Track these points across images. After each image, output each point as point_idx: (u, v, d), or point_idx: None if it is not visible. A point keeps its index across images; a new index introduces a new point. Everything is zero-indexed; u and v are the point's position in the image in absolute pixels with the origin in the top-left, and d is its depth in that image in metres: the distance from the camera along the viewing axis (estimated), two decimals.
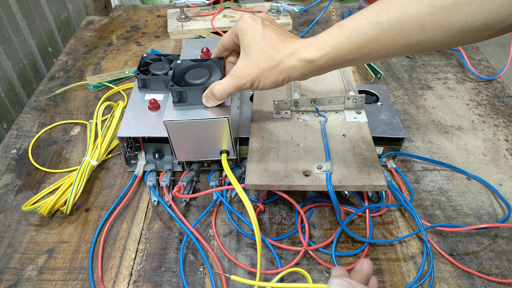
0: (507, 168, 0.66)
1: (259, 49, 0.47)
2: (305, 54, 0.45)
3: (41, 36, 0.94)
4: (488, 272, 0.52)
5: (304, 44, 0.46)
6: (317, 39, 0.45)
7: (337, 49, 0.44)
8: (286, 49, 0.47)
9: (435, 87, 0.83)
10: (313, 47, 0.45)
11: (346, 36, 0.43)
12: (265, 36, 0.48)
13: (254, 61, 0.47)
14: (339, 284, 0.34)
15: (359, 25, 0.43)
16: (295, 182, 0.52)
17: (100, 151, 0.62)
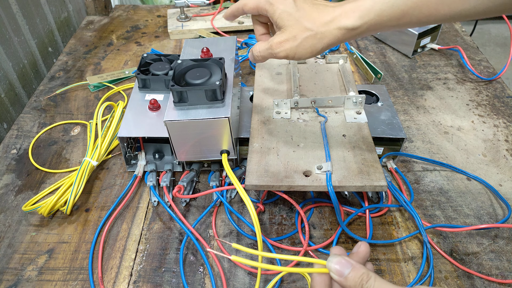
0: (507, 169, 0.66)
1: (293, 21, 0.46)
2: (346, 22, 0.44)
3: (41, 36, 0.94)
4: (488, 273, 0.52)
5: (343, 11, 0.45)
6: (359, 5, 0.44)
7: (379, 16, 0.43)
8: (322, 18, 0.46)
9: (435, 87, 0.83)
10: (355, 14, 0.44)
11: (390, 3, 0.43)
12: (298, 7, 0.47)
13: (290, 33, 0.47)
14: (338, 262, 0.35)
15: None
16: (295, 182, 0.52)
17: (100, 151, 0.62)
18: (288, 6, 0.47)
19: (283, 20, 0.47)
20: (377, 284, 0.33)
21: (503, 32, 2.57)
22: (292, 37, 0.46)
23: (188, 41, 0.71)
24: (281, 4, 0.47)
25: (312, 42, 0.46)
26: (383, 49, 0.95)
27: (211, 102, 0.54)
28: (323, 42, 0.46)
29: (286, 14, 0.47)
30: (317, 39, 0.46)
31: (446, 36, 0.99)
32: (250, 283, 0.51)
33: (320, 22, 0.46)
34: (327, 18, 0.46)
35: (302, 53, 0.47)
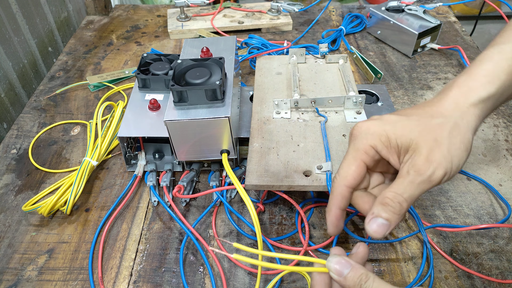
0: (507, 168, 0.66)
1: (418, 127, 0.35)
2: (475, 95, 0.36)
3: (41, 36, 0.94)
4: (488, 273, 0.52)
5: (463, 88, 0.37)
6: (477, 73, 0.37)
7: (509, 72, 0.36)
8: (446, 106, 0.36)
9: (435, 87, 0.83)
10: (480, 81, 0.36)
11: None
12: (405, 113, 0.37)
13: (427, 141, 0.35)
14: (338, 262, 0.35)
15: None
16: (295, 182, 0.52)
17: (100, 151, 0.62)
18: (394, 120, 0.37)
19: (406, 135, 0.35)
20: (375, 285, 0.33)
21: None
22: (434, 144, 0.34)
23: (188, 40, 0.71)
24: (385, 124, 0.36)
25: (459, 134, 0.35)
26: (383, 49, 0.95)
27: (211, 102, 0.54)
28: (469, 126, 0.35)
29: (403, 128, 0.36)
30: (462, 129, 0.35)
31: (446, 36, 0.99)
32: (250, 283, 0.51)
33: (447, 110, 0.36)
34: (450, 104, 0.36)
35: (458, 155, 0.35)
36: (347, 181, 0.37)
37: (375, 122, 0.37)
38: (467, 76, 0.37)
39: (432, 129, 0.35)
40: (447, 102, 0.36)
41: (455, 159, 0.34)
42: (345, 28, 0.97)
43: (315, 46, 0.89)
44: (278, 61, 0.75)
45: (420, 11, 0.90)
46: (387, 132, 0.36)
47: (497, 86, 0.36)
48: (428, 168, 0.34)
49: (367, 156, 0.37)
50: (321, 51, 0.74)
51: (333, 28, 1.03)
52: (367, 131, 0.37)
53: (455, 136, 0.35)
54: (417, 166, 0.34)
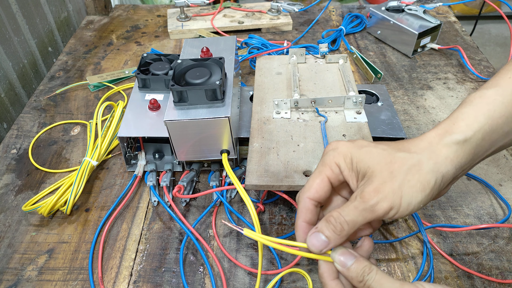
0: (507, 168, 0.66)
1: (380, 157, 0.35)
2: (451, 136, 0.35)
3: (41, 36, 0.94)
4: (488, 273, 0.52)
5: (441, 129, 0.36)
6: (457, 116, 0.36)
7: (491, 118, 0.35)
8: (418, 144, 0.36)
9: (435, 87, 0.83)
10: (459, 124, 0.36)
11: (500, 100, 0.36)
12: (377, 144, 0.37)
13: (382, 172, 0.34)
14: (342, 253, 0.35)
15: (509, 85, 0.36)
16: (295, 182, 0.52)
17: (100, 151, 0.62)
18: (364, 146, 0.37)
19: (366, 161, 0.35)
20: (377, 277, 0.33)
21: (503, 32, 2.57)
22: (388, 176, 0.34)
23: (188, 40, 0.71)
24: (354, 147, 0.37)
25: (419, 173, 0.34)
26: (383, 49, 0.95)
27: (211, 102, 0.54)
28: (435, 168, 0.34)
29: (367, 153, 0.36)
30: (424, 168, 0.34)
31: (446, 36, 0.99)
32: (250, 283, 0.51)
33: (417, 148, 0.35)
34: (423, 144, 0.36)
35: (410, 194, 0.34)
36: (309, 193, 0.37)
37: (346, 143, 0.37)
38: (447, 120, 0.37)
39: (392, 161, 0.35)
40: (422, 141, 0.36)
41: (406, 197, 0.34)
42: (345, 28, 0.97)
43: (315, 46, 0.89)
44: (278, 61, 0.75)
45: (420, 11, 0.90)
46: (352, 154, 0.36)
47: (475, 129, 0.35)
48: (372, 198, 0.34)
49: (331, 173, 0.37)
50: (321, 51, 0.74)
51: (333, 28, 1.03)
52: (336, 149, 0.37)
53: (413, 173, 0.34)
54: (364, 193, 0.34)
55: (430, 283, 0.33)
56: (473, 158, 0.36)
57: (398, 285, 0.33)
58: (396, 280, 0.33)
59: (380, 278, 0.33)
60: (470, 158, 0.36)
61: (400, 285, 0.33)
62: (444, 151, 0.35)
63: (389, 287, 0.33)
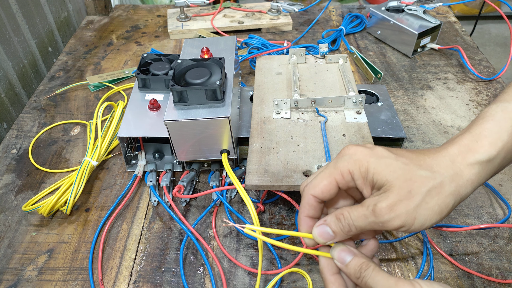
0: (507, 168, 0.66)
1: (400, 171, 0.34)
2: (475, 156, 0.34)
3: (41, 36, 0.94)
4: (488, 273, 0.52)
5: (462, 147, 0.35)
6: (480, 132, 0.35)
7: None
8: (440, 162, 0.34)
9: (435, 87, 0.83)
10: (482, 142, 0.34)
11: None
12: (398, 155, 0.35)
13: (400, 189, 0.33)
14: (341, 250, 0.36)
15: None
16: (295, 182, 0.51)
17: (100, 151, 0.62)
18: (381, 155, 0.35)
19: (385, 175, 0.34)
20: (374, 273, 0.34)
21: (503, 32, 2.57)
22: (405, 195, 0.33)
23: (188, 41, 0.71)
24: (370, 155, 0.35)
25: (439, 196, 0.33)
26: (383, 49, 0.95)
27: (211, 102, 0.54)
28: (455, 191, 0.33)
29: (386, 166, 0.34)
30: (445, 190, 0.33)
31: (446, 36, 0.99)
32: (250, 283, 0.51)
33: (440, 167, 0.34)
34: (446, 161, 0.34)
35: (426, 215, 0.33)
36: (314, 192, 0.37)
37: (364, 150, 0.36)
38: (468, 135, 0.35)
39: (412, 179, 0.33)
40: (444, 158, 0.35)
41: (420, 218, 0.33)
42: (345, 28, 0.97)
43: (315, 46, 0.89)
44: (278, 61, 0.75)
45: (420, 11, 0.90)
46: (368, 164, 0.35)
47: (498, 149, 0.34)
48: (385, 215, 0.33)
49: (342, 178, 0.36)
50: (321, 51, 0.74)
51: (333, 28, 1.03)
52: (352, 155, 0.36)
53: (432, 196, 0.33)
54: (377, 208, 0.33)
55: (426, 280, 0.33)
56: (492, 175, 0.35)
57: (393, 282, 0.33)
58: (392, 277, 0.33)
59: (376, 275, 0.34)
60: (489, 176, 0.35)
61: (395, 282, 0.33)
62: (466, 172, 0.34)
63: (385, 284, 0.33)
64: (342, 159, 0.36)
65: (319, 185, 0.37)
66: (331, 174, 0.36)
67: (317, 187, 0.37)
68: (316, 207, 0.38)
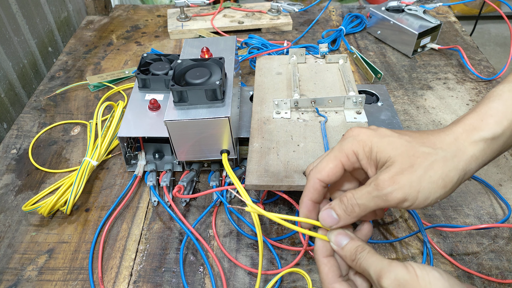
0: (507, 168, 0.66)
1: (403, 147, 0.34)
2: (480, 133, 0.34)
3: (41, 36, 0.94)
4: (488, 273, 0.52)
5: (467, 125, 0.35)
6: (486, 111, 0.35)
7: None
8: (444, 140, 0.35)
9: (435, 87, 0.83)
10: (488, 120, 0.34)
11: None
12: (401, 134, 0.36)
13: (402, 163, 0.33)
14: (338, 233, 0.37)
15: None
16: (295, 182, 0.52)
17: (100, 151, 0.62)
18: (385, 135, 0.36)
19: (387, 152, 0.34)
20: (369, 255, 0.35)
21: (503, 32, 2.57)
22: (408, 168, 0.33)
23: (188, 40, 0.71)
24: (374, 136, 0.36)
25: (442, 170, 0.33)
26: (383, 49, 0.95)
27: (211, 102, 0.54)
28: (459, 166, 0.33)
29: (389, 144, 0.35)
30: (447, 164, 0.33)
31: (446, 36, 0.99)
32: (250, 283, 0.51)
33: (443, 144, 0.34)
34: (449, 138, 0.35)
35: (430, 189, 0.33)
36: (320, 175, 0.37)
37: (367, 131, 0.37)
38: (474, 114, 0.35)
39: (415, 155, 0.34)
40: (447, 136, 0.35)
41: (424, 191, 0.33)
42: (345, 28, 0.97)
43: (315, 46, 0.89)
44: (278, 61, 0.75)
45: (420, 11, 0.90)
46: (372, 143, 0.35)
47: (504, 127, 0.34)
48: (387, 187, 0.33)
49: (347, 160, 0.37)
50: (321, 51, 0.74)
51: (333, 28, 1.03)
52: (356, 137, 0.37)
53: (436, 170, 0.33)
54: (378, 180, 0.34)
55: (419, 264, 0.33)
56: (498, 154, 0.35)
57: (387, 263, 0.33)
58: (385, 259, 0.34)
59: (370, 256, 0.35)
60: (496, 154, 0.35)
61: (389, 262, 0.33)
62: (470, 149, 0.34)
63: (378, 265, 0.34)
64: (346, 141, 0.37)
65: (325, 168, 0.37)
66: (337, 156, 0.37)
67: (323, 171, 0.37)
68: (320, 191, 0.38)
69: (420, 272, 0.32)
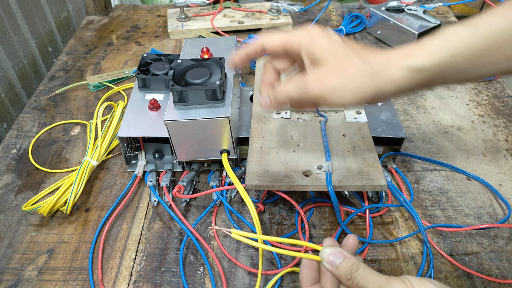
0: (507, 168, 0.66)
1: (339, 55, 0.37)
2: (410, 61, 0.36)
3: (41, 36, 0.94)
4: (488, 273, 0.52)
5: (405, 51, 0.37)
6: (425, 44, 0.36)
7: (453, 56, 0.35)
8: (378, 56, 0.37)
9: (435, 87, 0.83)
10: (422, 52, 0.36)
11: (466, 41, 0.35)
12: (346, 43, 0.39)
13: (332, 67, 0.37)
14: (331, 253, 0.37)
15: (484, 29, 0.35)
16: (295, 182, 0.52)
17: (100, 151, 0.62)
18: (333, 41, 0.38)
19: (324, 53, 0.38)
20: (365, 273, 0.35)
21: None
22: (335, 72, 0.37)
23: (188, 40, 0.71)
24: (321, 36, 0.39)
25: (362, 81, 0.36)
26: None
27: (211, 102, 0.54)
28: (377, 83, 0.36)
29: (329, 47, 0.38)
30: (369, 78, 0.36)
31: None
32: (250, 283, 0.51)
33: (375, 60, 0.37)
34: (382, 57, 0.37)
35: (345, 95, 0.36)
36: (265, 41, 0.42)
37: (320, 31, 0.40)
38: (416, 44, 0.37)
39: (345, 63, 0.37)
40: (382, 56, 0.37)
41: (341, 96, 0.37)
42: (345, 28, 0.97)
43: None
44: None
45: (420, 11, 0.90)
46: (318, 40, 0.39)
47: (433, 62, 0.35)
48: (312, 84, 0.37)
49: (289, 42, 0.40)
50: None
51: (333, 28, 1.03)
52: (309, 30, 0.40)
53: (357, 81, 0.36)
54: (308, 76, 0.38)
55: (416, 277, 0.34)
56: (420, 87, 0.37)
57: (384, 280, 0.34)
58: (382, 275, 0.34)
59: (367, 274, 0.35)
60: (418, 86, 0.37)
61: (386, 279, 0.34)
62: (394, 72, 0.36)
63: (376, 282, 0.34)
64: (300, 30, 0.41)
65: (271, 38, 0.42)
66: (285, 35, 0.41)
67: (268, 39, 0.42)
68: (257, 52, 0.43)
69: (417, 286, 0.33)
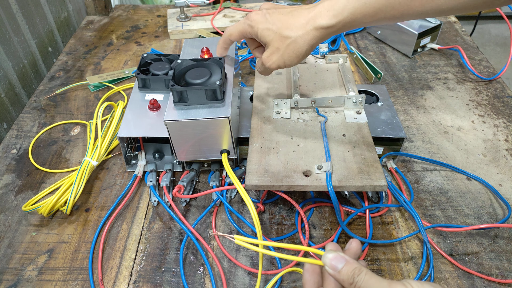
0: (507, 168, 0.66)
1: (273, 34, 0.50)
2: (321, 21, 0.48)
3: (41, 36, 0.94)
4: (488, 273, 0.52)
5: (318, 11, 0.48)
6: (332, 4, 0.47)
7: (353, 14, 0.46)
8: (298, 22, 0.49)
9: (435, 87, 0.83)
10: (329, 13, 0.47)
11: (363, 1, 0.45)
12: (274, 20, 0.51)
13: (273, 46, 0.51)
14: (333, 258, 0.37)
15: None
16: (295, 182, 0.51)
17: (100, 151, 0.62)
18: (266, 23, 0.51)
19: (265, 37, 0.51)
20: (367, 278, 0.35)
21: (503, 32, 2.57)
22: (275, 49, 0.51)
23: (188, 41, 0.71)
24: (260, 23, 0.51)
25: (295, 48, 0.50)
26: (383, 49, 0.95)
27: (211, 102, 0.54)
28: (304, 45, 0.50)
29: (266, 31, 0.51)
30: (298, 44, 0.50)
31: (446, 36, 0.99)
32: (250, 283, 0.51)
33: (296, 27, 0.49)
34: (302, 21, 0.49)
35: (290, 59, 0.51)
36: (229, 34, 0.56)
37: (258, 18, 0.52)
38: (327, 3, 0.48)
39: (280, 40, 0.50)
40: (301, 18, 0.49)
41: (287, 61, 0.51)
42: None
43: None
44: None
45: None
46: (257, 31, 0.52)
47: (337, 20, 0.47)
48: (267, 61, 0.53)
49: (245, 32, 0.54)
50: (321, 51, 0.74)
51: None
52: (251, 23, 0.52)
53: (291, 48, 0.50)
54: (263, 57, 0.53)
55: (417, 281, 0.34)
56: (335, 33, 0.49)
57: (386, 284, 0.34)
58: (384, 280, 0.34)
59: (369, 279, 0.35)
60: (333, 34, 0.50)
61: (388, 283, 0.34)
62: (312, 33, 0.49)
63: (378, 286, 0.34)
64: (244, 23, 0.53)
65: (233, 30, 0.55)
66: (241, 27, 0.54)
67: (231, 30, 0.55)
68: (228, 43, 0.59)
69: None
